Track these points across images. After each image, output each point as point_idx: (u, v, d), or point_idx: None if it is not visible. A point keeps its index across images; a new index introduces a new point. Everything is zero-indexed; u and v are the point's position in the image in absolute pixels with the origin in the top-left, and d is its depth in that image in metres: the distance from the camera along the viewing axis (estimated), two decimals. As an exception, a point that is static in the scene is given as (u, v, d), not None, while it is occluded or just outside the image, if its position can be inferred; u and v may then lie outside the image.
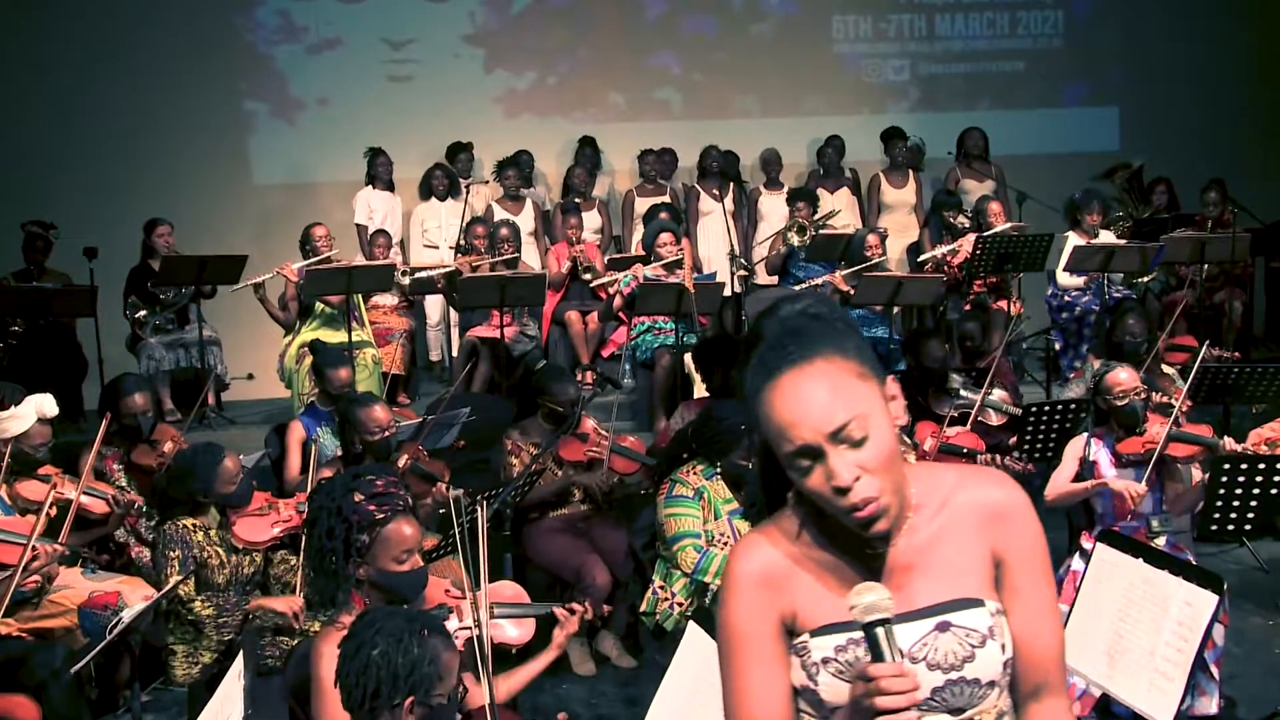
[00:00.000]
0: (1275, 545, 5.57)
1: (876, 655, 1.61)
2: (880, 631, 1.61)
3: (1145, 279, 8.23)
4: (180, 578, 4.28)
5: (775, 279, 8.88)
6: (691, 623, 3.11)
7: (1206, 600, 2.78)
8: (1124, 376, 4.74)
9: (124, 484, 5.44)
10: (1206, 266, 8.13)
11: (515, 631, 3.53)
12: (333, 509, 3.10)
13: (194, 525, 4.53)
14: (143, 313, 8.06)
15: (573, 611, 3.55)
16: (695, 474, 4.60)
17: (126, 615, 3.81)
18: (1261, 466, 4.06)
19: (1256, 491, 4.06)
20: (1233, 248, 7.85)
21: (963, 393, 5.86)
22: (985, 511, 1.78)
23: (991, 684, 1.73)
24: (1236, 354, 7.16)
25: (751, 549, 1.81)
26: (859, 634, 1.66)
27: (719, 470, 4.58)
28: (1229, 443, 4.63)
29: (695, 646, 3.06)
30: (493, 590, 3.55)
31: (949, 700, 1.72)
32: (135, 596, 4.63)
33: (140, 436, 5.63)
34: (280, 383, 7.95)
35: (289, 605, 4.37)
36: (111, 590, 4.69)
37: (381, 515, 3.07)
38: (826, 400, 1.64)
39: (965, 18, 11.02)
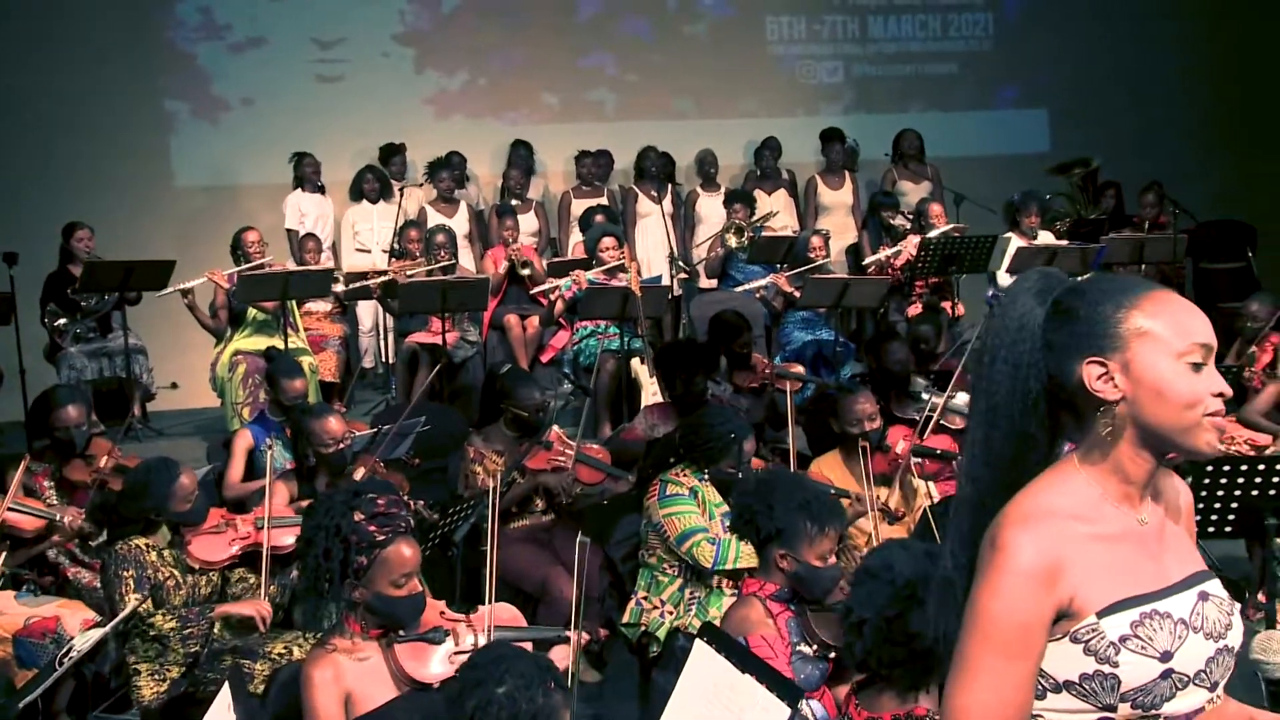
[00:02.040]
0: (1231, 544, 5.61)
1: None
2: None
3: (1084, 280, 8.27)
4: (139, 598, 4.04)
5: (715, 281, 8.80)
6: (698, 641, 2.98)
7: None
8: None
9: (54, 501, 5.17)
10: (1144, 267, 8.23)
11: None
12: (331, 528, 2.93)
13: (146, 545, 4.28)
14: (62, 320, 7.71)
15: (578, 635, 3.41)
16: (686, 475, 4.48)
17: (80, 644, 3.56)
18: (1244, 468, 4.04)
19: (1238, 493, 4.04)
20: (1175, 249, 7.96)
21: (925, 395, 5.81)
22: (1181, 494, 1.87)
23: (1234, 654, 1.76)
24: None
25: (1034, 534, 1.71)
26: (1150, 607, 1.70)
27: (706, 475, 4.46)
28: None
29: (705, 665, 2.94)
30: (490, 613, 3.40)
31: (1212, 673, 1.73)
32: (74, 621, 4.38)
33: (74, 451, 5.34)
34: (210, 392, 7.64)
35: (255, 609, 4.16)
36: (50, 616, 4.43)
37: (382, 536, 2.92)
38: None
39: (897, 20, 11.07)
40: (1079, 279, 1.82)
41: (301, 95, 10.04)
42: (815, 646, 3.25)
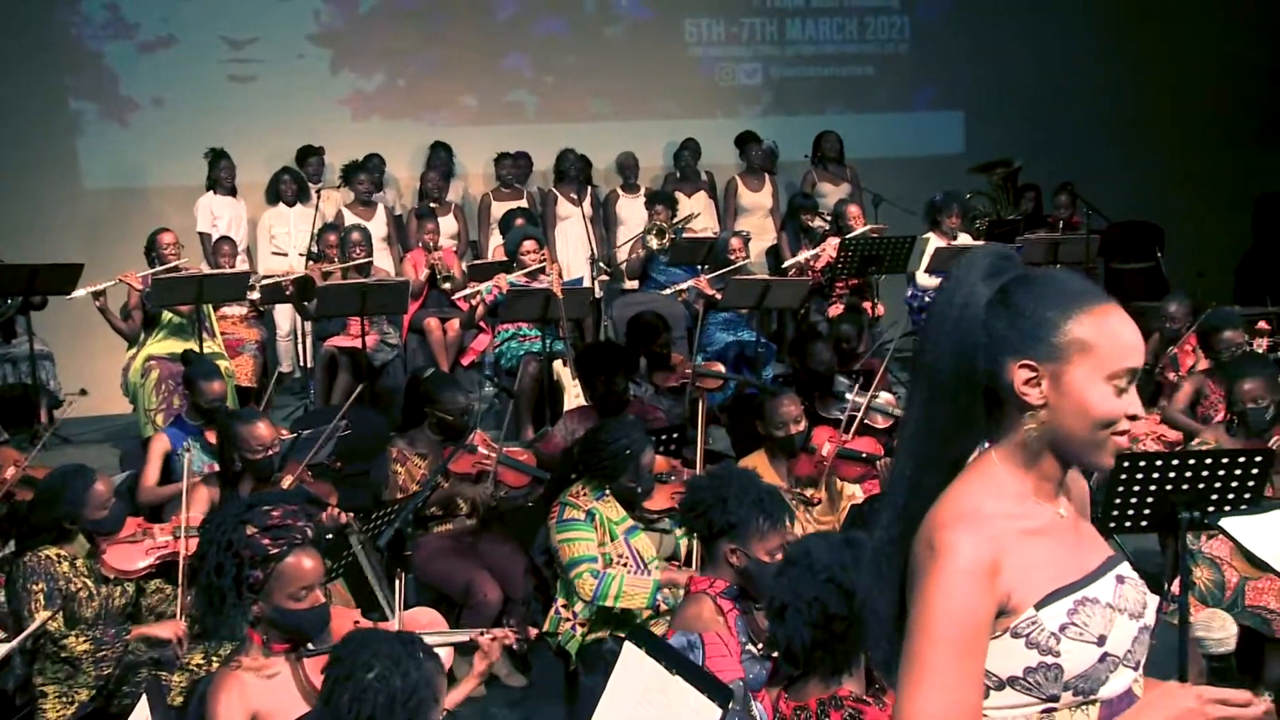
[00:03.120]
0: (1143, 538, 5.72)
1: (1223, 681, 1.73)
2: (1234, 662, 1.77)
3: (1036, 272, 8.40)
4: (48, 614, 3.91)
5: (636, 283, 8.80)
6: (628, 643, 2.96)
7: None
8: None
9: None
10: (1058, 268, 8.38)
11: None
12: (222, 543, 2.85)
13: (58, 555, 4.15)
14: (-38, 327, 7.49)
15: (496, 637, 3.36)
16: (584, 495, 4.42)
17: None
18: (1158, 464, 4.12)
19: (1153, 488, 4.12)
20: (1087, 249, 8.11)
21: (848, 396, 5.85)
22: (1081, 489, 1.92)
23: (1150, 632, 1.82)
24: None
25: (974, 535, 1.72)
26: (1080, 594, 1.74)
27: (608, 492, 4.42)
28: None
29: (634, 668, 2.91)
30: (410, 618, 3.34)
31: (1136, 652, 1.79)
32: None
33: (-23, 462, 5.17)
34: (121, 398, 7.46)
35: (172, 630, 4.06)
36: (-55, 631, 4.28)
37: (276, 550, 2.84)
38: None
39: (815, 22, 11.16)
40: (1033, 269, 1.83)
41: (214, 96, 9.81)
42: (760, 645, 3.26)
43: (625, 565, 4.33)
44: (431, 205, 9.00)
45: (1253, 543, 2.81)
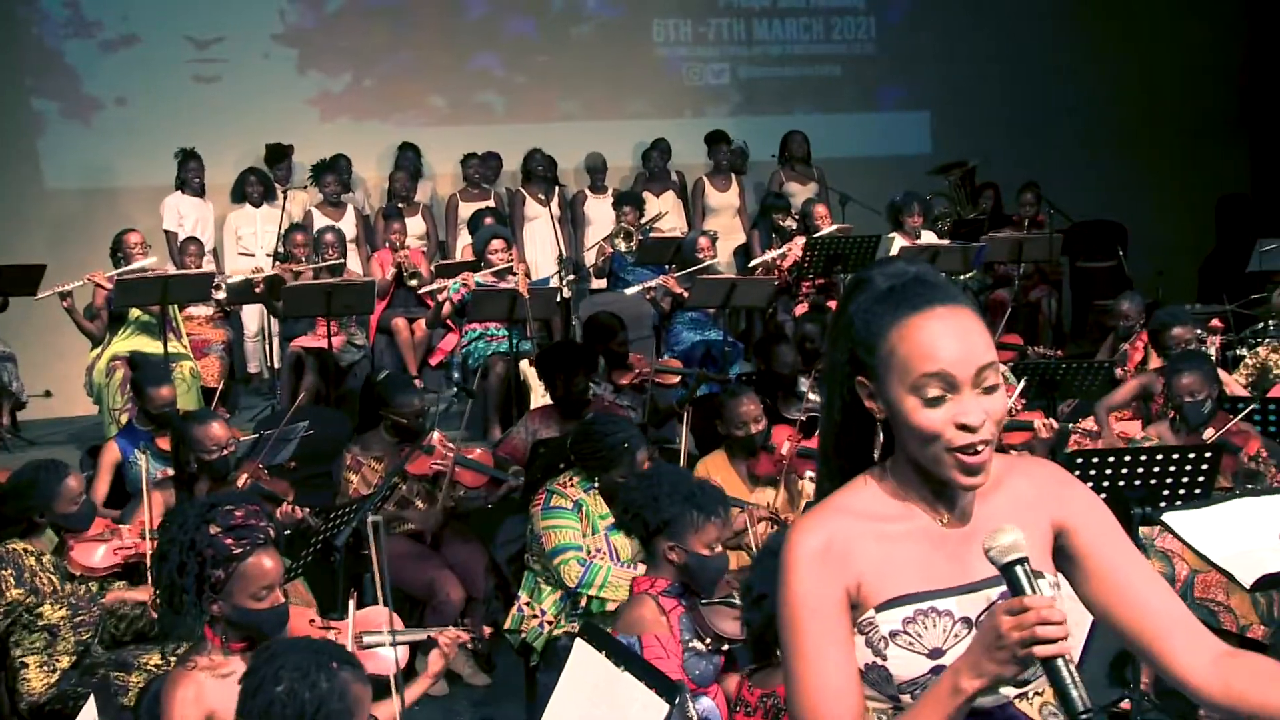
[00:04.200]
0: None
1: (1018, 592, 1.59)
2: (1019, 569, 1.59)
3: (965, 277, 8.49)
4: (21, 593, 3.97)
5: (604, 282, 8.81)
6: (578, 640, 2.98)
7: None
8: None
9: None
10: (1023, 266, 8.45)
11: (389, 659, 3.32)
12: (185, 543, 2.85)
13: (25, 549, 4.16)
14: (-75, 329, 7.43)
15: (451, 637, 3.37)
16: (573, 485, 4.45)
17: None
18: (1111, 460, 4.17)
19: (1106, 485, 4.17)
20: (1050, 247, 8.17)
21: (810, 396, 5.87)
22: (1043, 484, 1.81)
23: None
24: (1059, 351, 7.45)
25: (812, 524, 1.76)
26: (926, 605, 1.69)
27: (596, 484, 4.44)
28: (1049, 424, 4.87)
29: (585, 664, 2.93)
30: (363, 618, 3.35)
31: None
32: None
33: (-64, 463, 5.15)
34: (85, 399, 7.43)
35: (148, 594, 4.06)
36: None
37: (239, 550, 2.83)
38: (979, 338, 1.68)
39: (782, 22, 11.19)
40: (904, 279, 1.74)
41: (179, 95, 9.72)
42: (709, 640, 3.28)
43: (603, 559, 4.35)
44: (399, 205, 9.00)
45: (1194, 537, 2.85)
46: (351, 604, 3.05)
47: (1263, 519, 2.88)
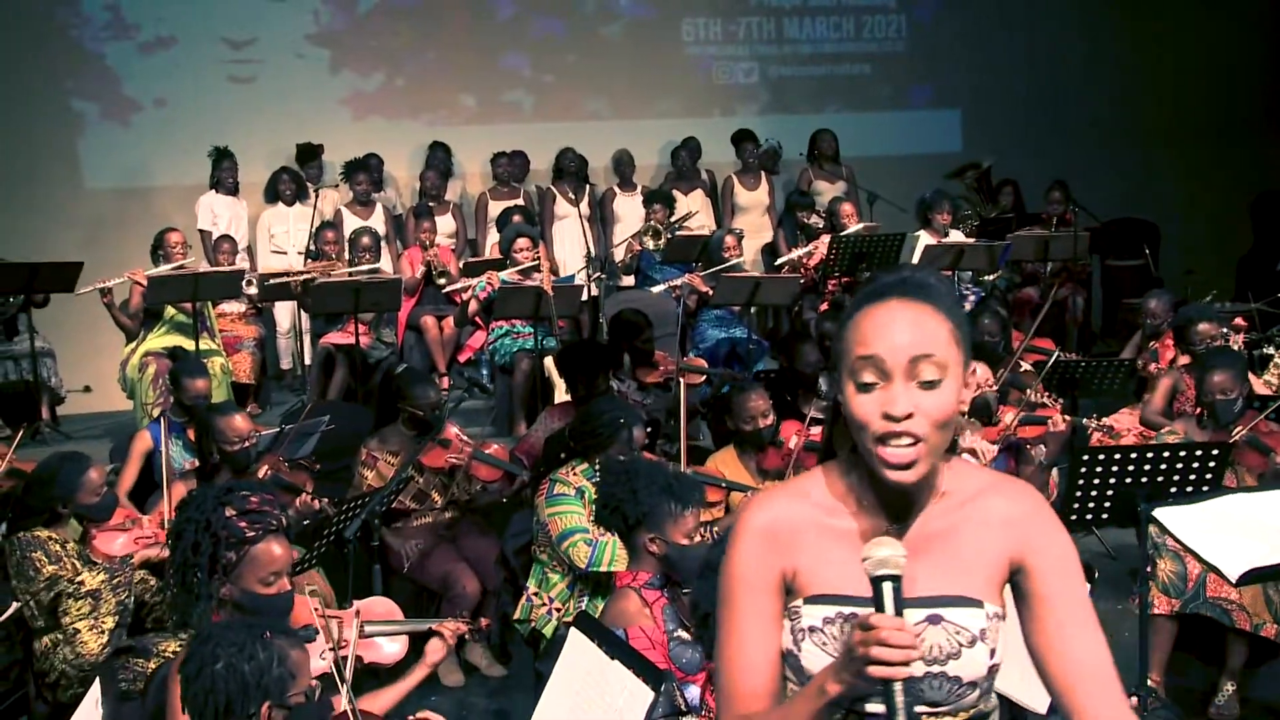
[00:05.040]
0: (1123, 532, 5.76)
1: (879, 608, 1.60)
2: (887, 586, 1.60)
3: (992, 276, 8.47)
4: (54, 569, 4.11)
5: (632, 279, 8.87)
6: (573, 629, 3.03)
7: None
8: (979, 373, 4.92)
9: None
10: (1050, 264, 8.41)
11: (390, 649, 3.39)
12: (201, 523, 2.92)
13: (49, 537, 4.29)
14: (-34, 324, 7.62)
15: (450, 628, 3.44)
16: (575, 474, 4.54)
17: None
18: (1118, 457, 4.17)
19: (1113, 481, 4.17)
20: (1074, 246, 8.13)
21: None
22: (1010, 515, 1.79)
23: (973, 684, 1.73)
24: (1081, 356, 7.40)
25: (766, 501, 1.82)
26: (849, 609, 1.69)
27: (597, 471, 4.51)
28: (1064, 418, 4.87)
29: (578, 653, 2.99)
30: (365, 607, 3.42)
31: (925, 693, 1.72)
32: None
33: (-38, 455, 5.29)
34: (123, 395, 7.57)
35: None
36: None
37: (252, 533, 2.90)
38: (919, 331, 1.67)
39: (812, 21, 11.19)
40: (903, 278, 1.75)
41: (214, 96, 9.92)
42: (694, 629, 3.32)
43: (607, 536, 4.40)
44: (429, 204, 9.09)
45: (1183, 532, 2.86)
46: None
47: (1254, 515, 2.88)
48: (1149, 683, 4.43)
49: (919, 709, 1.72)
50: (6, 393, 7.66)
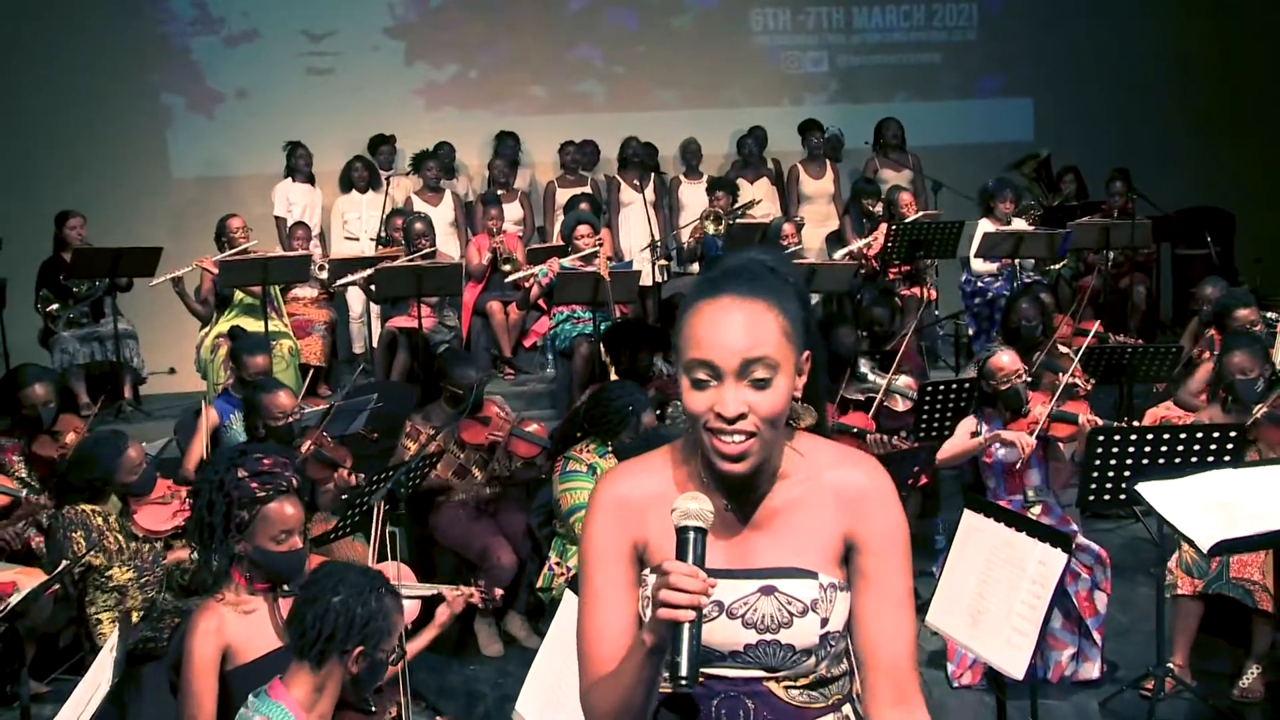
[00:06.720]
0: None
1: (680, 557, 1.67)
2: (691, 535, 1.68)
3: (1057, 265, 8.41)
4: (84, 553, 4.30)
5: (696, 266, 8.97)
6: (569, 591, 3.16)
7: (1057, 558, 2.87)
8: (1005, 360, 4.93)
9: (24, 475, 5.40)
10: (1112, 253, 8.31)
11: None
12: (215, 483, 3.10)
13: (92, 510, 4.52)
14: (55, 306, 7.97)
15: (462, 593, 3.60)
16: (588, 452, 4.69)
17: (14, 599, 3.77)
18: (1134, 438, 4.18)
19: (1129, 462, 4.18)
20: (1132, 234, 8.03)
21: (870, 376, 5.94)
22: (847, 493, 1.86)
23: (806, 651, 1.82)
24: (1139, 340, 7.33)
25: (620, 475, 1.93)
26: None
27: (610, 449, 4.65)
28: (1092, 419, 4.89)
29: (571, 615, 3.11)
30: (381, 570, 3.58)
31: (761, 658, 1.82)
32: (30, 585, 4.61)
33: (40, 427, 5.57)
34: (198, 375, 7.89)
35: None
36: (7, 580, 4.66)
37: (263, 493, 3.06)
38: (750, 332, 1.73)
39: (882, 10, 11.16)
40: (737, 266, 1.83)
41: (294, 88, 10.28)
42: None
43: None
44: (498, 192, 9.28)
45: (1162, 505, 2.89)
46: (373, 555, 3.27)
47: (1234, 489, 2.91)
48: (1171, 665, 4.44)
49: (758, 673, 1.83)
50: (93, 372, 8.04)
